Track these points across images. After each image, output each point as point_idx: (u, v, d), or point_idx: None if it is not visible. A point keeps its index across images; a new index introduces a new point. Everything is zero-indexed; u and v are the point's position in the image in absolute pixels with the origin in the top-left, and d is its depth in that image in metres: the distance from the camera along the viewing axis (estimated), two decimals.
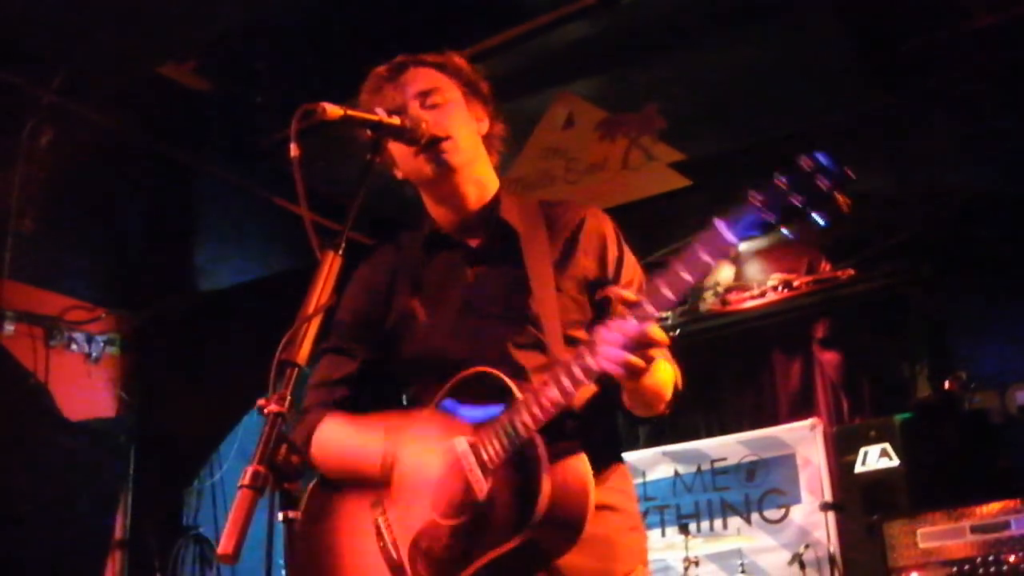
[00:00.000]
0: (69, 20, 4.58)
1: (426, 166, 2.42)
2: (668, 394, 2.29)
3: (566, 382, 2.08)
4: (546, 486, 2.07)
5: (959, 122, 5.73)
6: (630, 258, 2.49)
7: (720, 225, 1.90)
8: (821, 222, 1.82)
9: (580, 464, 2.14)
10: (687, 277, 1.92)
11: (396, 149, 2.45)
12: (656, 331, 2.00)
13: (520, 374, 2.29)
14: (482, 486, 2.15)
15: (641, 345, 1.98)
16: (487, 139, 2.57)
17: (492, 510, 2.14)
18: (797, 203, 1.83)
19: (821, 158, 1.83)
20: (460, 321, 2.42)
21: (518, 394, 2.16)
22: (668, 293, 1.94)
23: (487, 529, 2.13)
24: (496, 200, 2.53)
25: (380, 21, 4.75)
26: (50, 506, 6.37)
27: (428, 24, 4.63)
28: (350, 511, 2.41)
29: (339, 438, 2.44)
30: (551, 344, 2.32)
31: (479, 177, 2.52)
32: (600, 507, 2.22)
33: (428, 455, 2.26)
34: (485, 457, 2.16)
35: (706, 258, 1.91)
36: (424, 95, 2.45)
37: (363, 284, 2.60)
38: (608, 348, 2.00)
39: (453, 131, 2.42)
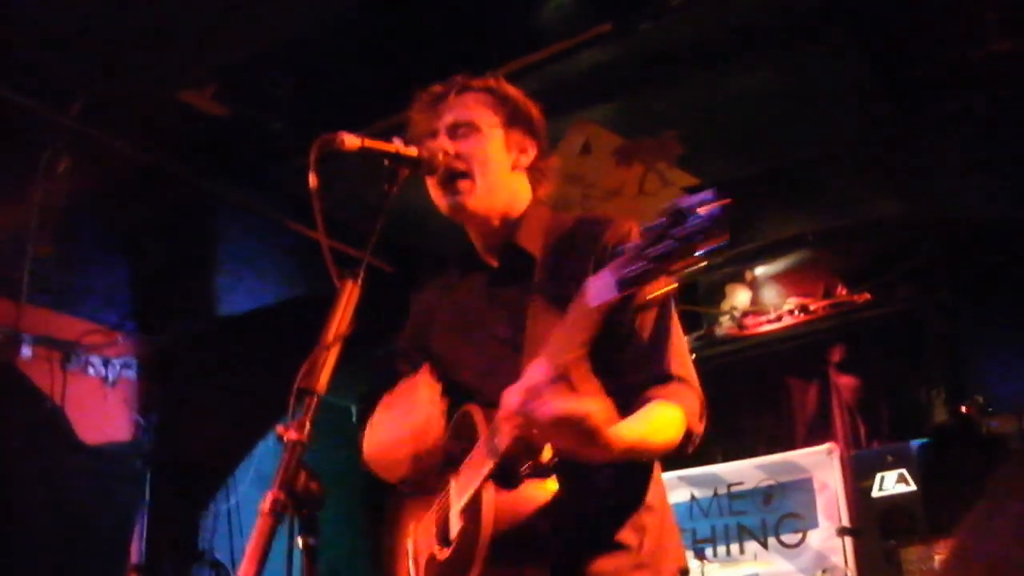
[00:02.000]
0: (88, 46, 4.63)
1: (442, 199, 2.44)
2: (658, 442, 2.16)
3: (492, 444, 2.08)
4: (484, 536, 2.05)
5: (974, 146, 5.73)
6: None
7: (594, 283, 1.85)
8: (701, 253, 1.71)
9: (533, 499, 2.10)
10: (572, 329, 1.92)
11: (428, 179, 2.45)
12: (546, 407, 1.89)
13: None
14: (455, 525, 2.18)
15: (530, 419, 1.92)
16: (532, 170, 2.54)
17: (459, 550, 2.16)
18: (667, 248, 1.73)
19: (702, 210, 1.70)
20: (477, 348, 2.43)
21: (480, 439, 2.16)
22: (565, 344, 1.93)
23: (456, 569, 2.15)
24: (518, 222, 2.49)
25: (397, 48, 4.78)
26: (66, 530, 6.38)
27: (445, 51, 4.66)
28: (404, 532, 2.48)
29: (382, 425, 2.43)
30: None
31: (503, 208, 2.49)
32: (611, 544, 2.24)
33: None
34: (461, 497, 2.18)
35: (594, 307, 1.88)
36: (456, 126, 2.44)
37: (416, 311, 2.66)
38: (507, 422, 1.98)
39: (476, 166, 2.41)
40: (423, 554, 2.32)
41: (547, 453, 2.10)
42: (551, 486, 2.10)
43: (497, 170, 2.46)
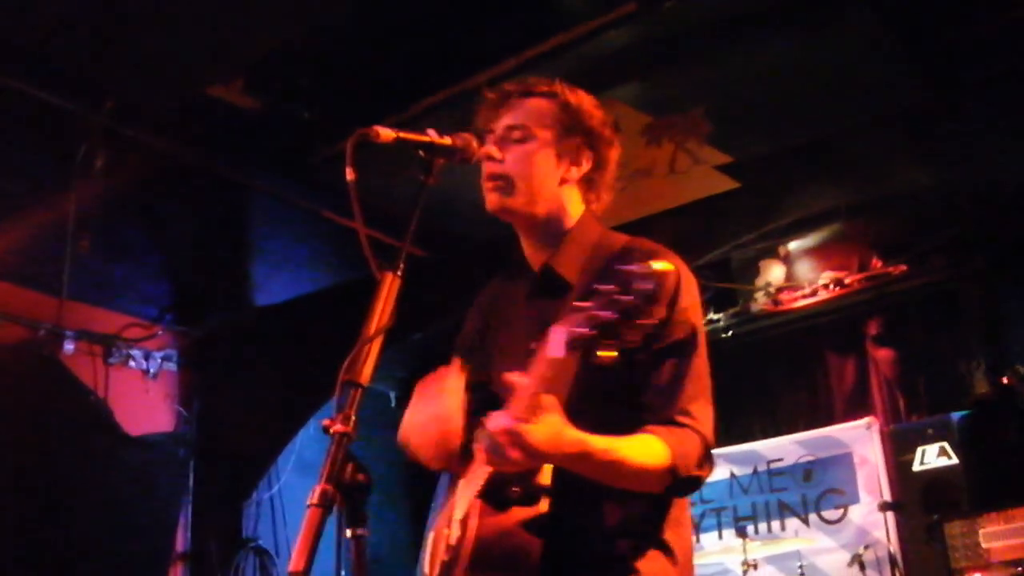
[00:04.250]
0: (117, 45, 4.67)
1: (486, 197, 2.45)
2: (631, 459, 2.11)
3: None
4: (464, 553, 2.10)
5: (1008, 113, 5.66)
6: (679, 318, 2.30)
7: (553, 336, 1.89)
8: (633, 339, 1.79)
9: (521, 523, 2.12)
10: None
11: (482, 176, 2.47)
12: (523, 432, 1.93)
13: None
14: (455, 532, 2.21)
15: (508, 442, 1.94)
16: (586, 182, 2.50)
17: (451, 557, 2.18)
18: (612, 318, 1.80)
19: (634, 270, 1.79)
20: (506, 352, 2.43)
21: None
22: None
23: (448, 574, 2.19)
24: (560, 241, 2.46)
25: (422, 35, 4.79)
26: (112, 520, 6.47)
27: (471, 37, 4.66)
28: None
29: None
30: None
31: (545, 217, 2.46)
32: (605, 566, 2.23)
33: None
34: (460, 508, 2.22)
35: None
36: (510, 129, 2.44)
37: (474, 312, 2.67)
38: (487, 445, 2.00)
39: (521, 174, 2.41)
40: (439, 551, 2.34)
41: (545, 477, 2.13)
42: (542, 509, 2.12)
43: (542, 180, 2.44)
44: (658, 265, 1.80)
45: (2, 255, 5.88)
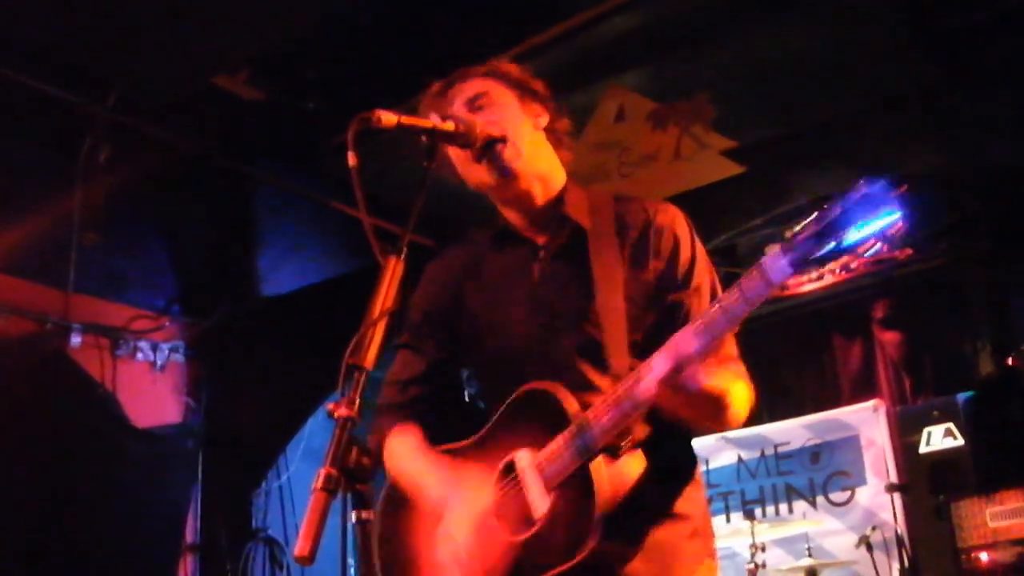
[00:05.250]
0: (119, 38, 4.67)
1: (487, 174, 2.41)
2: (729, 415, 2.28)
3: (627, 406, 2.11)
4: (600, 501, 2.09)
5: (1013, 97, 5.65)
6: (702, 259, 2.43)
7: (771, 260, 1.97)
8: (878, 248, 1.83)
9: (633, 472, 2.19)
10: (741, 307, 2.05)
11: (457, 159, 2.45)
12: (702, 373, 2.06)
13: (582, 382, 2.29)
14: (543, 502, 2.18)
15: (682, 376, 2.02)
16: (551, 132, 2.54)
17: (554, 526, 2.16)
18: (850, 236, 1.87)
19: (871, 186, 1.87)
20: (526, 321, 2.42)
21: (572, 415, 2.19)
22: (724, 323, 2.05)
23: (550, 544, 2.15)
24: (562, 195, 2.50)
25: (427, 24, 4.78)
26: (121, 512, 6.49)
27: (475, 26, 4.65)
28: (425, 512, 2.44)
29: (402, 461, 2.48)
30: (611, 350, 2.30)
31: (543, 173, 2.49)
32: (669, 515, 2.30)
33: (479, 489, 2.31)
34: (548, 474, 2.19)
35: (759, 290, 2.02)
36: (472, 100, 2.44)
37: (433, 282, 2.62)
38: (650, 380, 2.04)
39: (508, 130, 2.39)
40: (492, 543, 2.29)
41: (642, 432, 2.23)
42: (642, 460, 2.21)
43: (527, 131, 2.46)
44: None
45: (8, 249, 5.89)
